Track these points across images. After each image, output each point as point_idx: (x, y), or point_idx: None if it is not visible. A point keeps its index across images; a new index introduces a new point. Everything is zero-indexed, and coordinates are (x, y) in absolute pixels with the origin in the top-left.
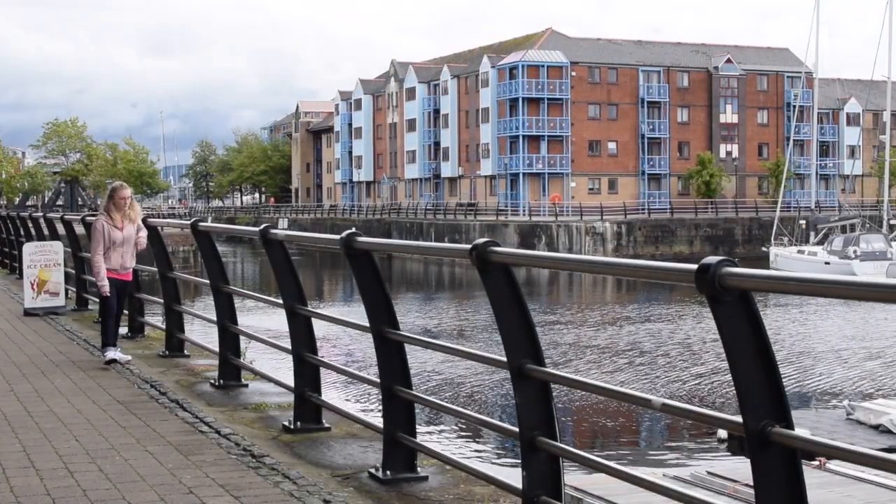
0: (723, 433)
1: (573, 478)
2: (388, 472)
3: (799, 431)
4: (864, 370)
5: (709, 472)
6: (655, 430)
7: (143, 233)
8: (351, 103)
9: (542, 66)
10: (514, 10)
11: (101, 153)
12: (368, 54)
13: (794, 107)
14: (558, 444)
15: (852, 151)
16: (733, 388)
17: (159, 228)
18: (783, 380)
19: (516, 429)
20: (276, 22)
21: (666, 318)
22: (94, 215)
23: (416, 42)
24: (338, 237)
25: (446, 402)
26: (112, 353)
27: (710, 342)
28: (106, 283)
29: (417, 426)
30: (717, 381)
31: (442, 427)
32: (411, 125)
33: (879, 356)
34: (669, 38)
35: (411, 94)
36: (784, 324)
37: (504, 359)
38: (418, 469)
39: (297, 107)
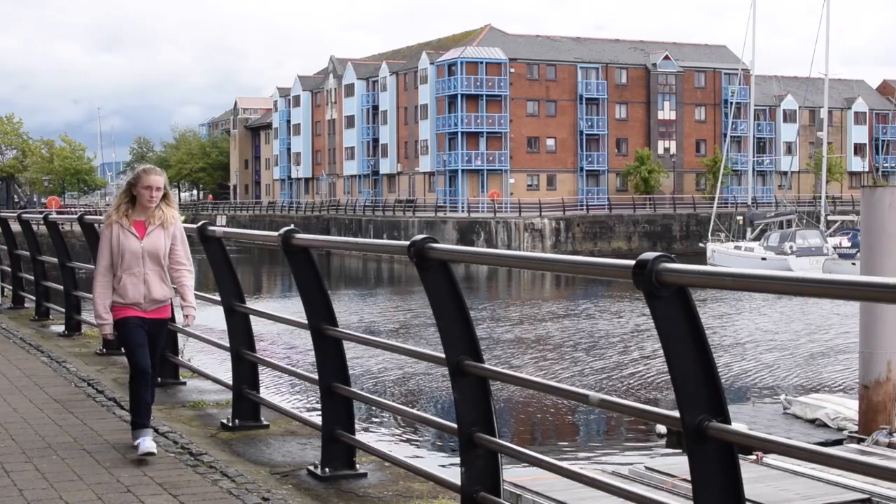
0: (662, 428)
1: (513, 474)
2: (327, 470)
3: (736, 426)
4: (800, 364)
5: (647, 468)
6: (594, 425)
7: (181, 248)
8: (289, 100)
9: (481, 62)
10: (455, 6)
11: (37, 150)
12: (314, 51)
13: (732, 103)
14: (497, 440)
15: (789, 148)
16: (671, 382)
17: (97, 226)
18: (720, 374)
19: (455, 425)
20: (223, 18)
21: (604, 313)
22: (55, 212)
23: (362, 38)
24: (276, 234)
25: (385, 398)
26: (146, 442)
27: (648, 337)
28: (106, 320)
29: (356, 423)
30: (654, 376)
31: (381, 424)
32: (350, 122)
33: (815, 350)
34: (608, 35)
35: (350, 90)
36: (721, 319)
37: (443, 355)
38: (357, 466)
39: (236, 103)
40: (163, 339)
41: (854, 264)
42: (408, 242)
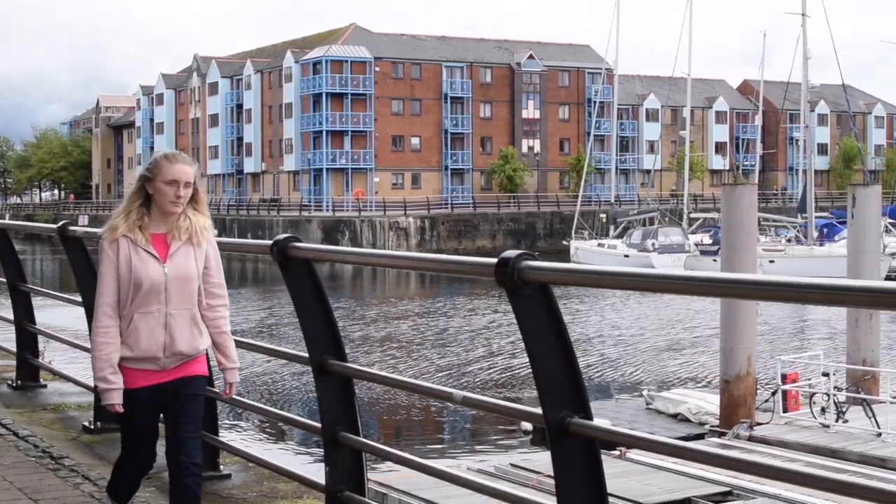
0: (527, 425)
1: (379, 473)
2: None
3: (598, 422)
4: (662, 360)
5: (512, 465)
6: (460, 423)
7: (217, 273)
8: (153, 98)
9: (346, 61)
10: (321, 5)
11: None
12: (179, 49)
13: (595, 102)
14: (360, 439)
15: (652, 146)
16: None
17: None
18: (582, 371)
19: (318, 424)
20: (89, 15)
21: (468, 311)
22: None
23: (226, 36)
24: None
25: (249, 399)
26: None
27: (512, 334)
28: (113, 383)
29: (220, 424)
30: (519, 373)
31: (245, 425)
32: (214, 120)
33: (676, 346)
34: (473, 35)
35: (214, 88)
36: (584, 316)
37: (306, 354)
38: (221, 467)
39: (98, 101)
40: (195, 408)
41: (715, 261)
42: (271, 242)
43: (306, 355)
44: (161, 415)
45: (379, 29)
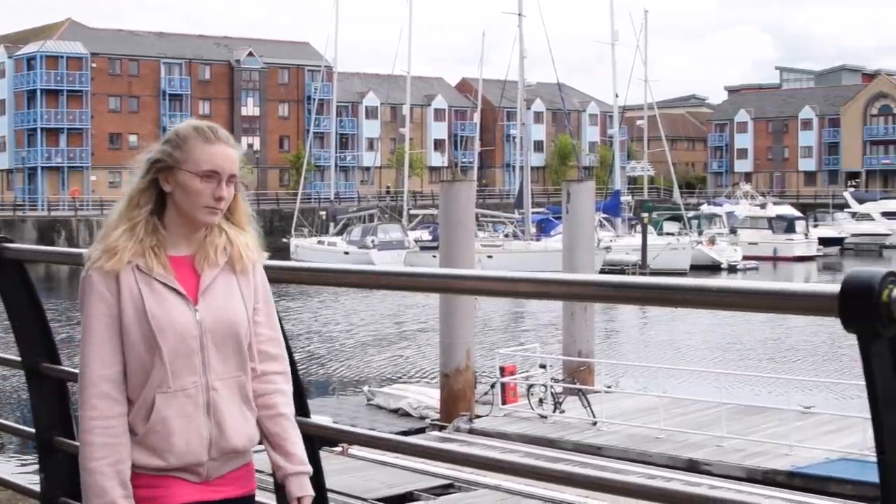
0: None
1: None
2: None
3: (318, 419)
4: (382, 356)
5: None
6: None
7: (267, 318)
8: None
9: (62, 56)
10: None
11: None
12: None
13: (315, 100)
14: (76, 443)
15: (371, 144)
16: None
17: None
18: (302, 369)
19: (33, 430)
20: None
21: None
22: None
23: None
24: None
25: None
26: None
27: None
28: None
29: None
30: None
31: None
32: None
33: (396, 341)
34: (192, 31)
35: None
36: (299, 313)
37: (18, 358)
38: None
39: None
40: None
41: (435, 257)
42: None
43: (18, 359)
44: None
45: (96, 24)
